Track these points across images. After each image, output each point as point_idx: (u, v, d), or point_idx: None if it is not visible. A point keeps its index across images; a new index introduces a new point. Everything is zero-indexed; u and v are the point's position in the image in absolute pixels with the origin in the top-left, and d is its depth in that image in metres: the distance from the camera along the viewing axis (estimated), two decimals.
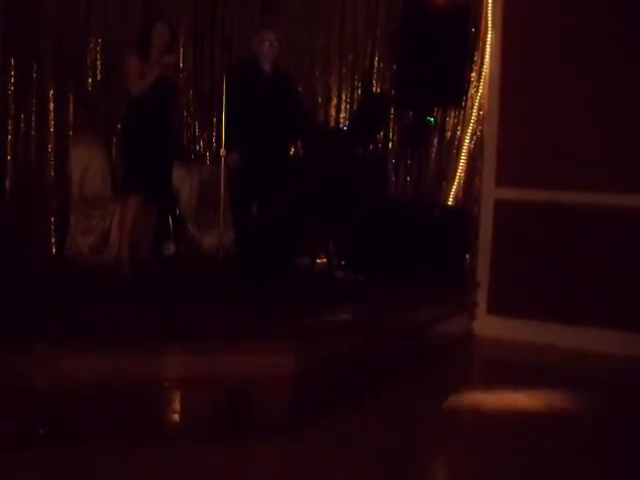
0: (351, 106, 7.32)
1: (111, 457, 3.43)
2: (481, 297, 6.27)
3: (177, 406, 3.80)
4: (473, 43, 6.49)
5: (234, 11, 7.61)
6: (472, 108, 6.55)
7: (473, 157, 6.56)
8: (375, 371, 4.58)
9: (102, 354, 3.72)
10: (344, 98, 7.35)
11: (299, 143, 6.99)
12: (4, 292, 4.82)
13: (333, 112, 7.39)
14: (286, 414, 3.85)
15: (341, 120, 7.35)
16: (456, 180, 6.64)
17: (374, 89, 7.18)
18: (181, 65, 7.20)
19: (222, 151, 5.28)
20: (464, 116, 6.62)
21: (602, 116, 5.75)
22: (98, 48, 6.83)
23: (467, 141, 6.60)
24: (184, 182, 6.97)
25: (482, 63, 6.46)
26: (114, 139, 6.87)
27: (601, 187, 5.70)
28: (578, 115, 5.84)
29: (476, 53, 6.48)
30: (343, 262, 6.55)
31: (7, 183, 6.41)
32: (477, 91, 6.52)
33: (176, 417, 3.78)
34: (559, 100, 5.90)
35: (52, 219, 6.57)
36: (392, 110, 7.04)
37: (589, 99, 5.79)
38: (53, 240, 6.56)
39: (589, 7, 5.77)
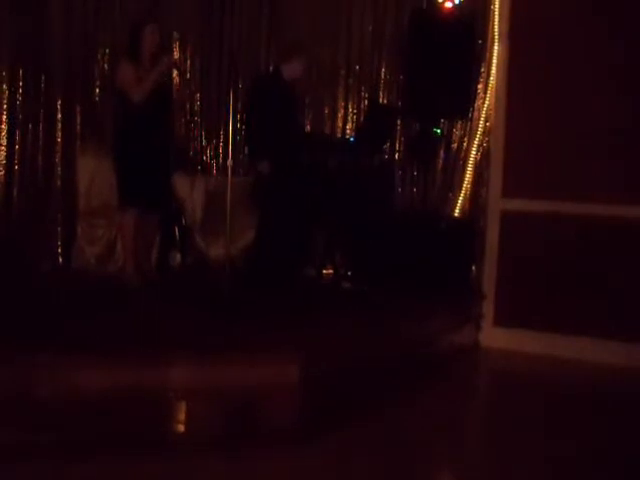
0: (358, 117, 7.32)
1: (113, 468, 3.42)
2: (487, 308, 6.25)
3: (181, 417, 3.80)
4: (480, 55, 6.50)
5: (241, 22, 7.63)
6: (479, 119, 6.55)
7: (479, 168, 6.56)
8: (379, 382, 4.56)
9: (106, 365, 3.72)
10: (351, 109, 7.35)
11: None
12: (10, 303, 4.83)
13: (340, 123, 7.39)
14: (289, 426, 3.84)
15: (348, 131, 7.36)
16: (462, 191, 6.64)
17: (381, 100, 7.19)
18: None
19: (229, 162, 5.31)
20: (471, 127, 6.62)
21: (609, 128, 5.74)
22: (106, 59, 6.85)
23: (474, 152, 6.60)
24: (190, 192, 6.97)
25: (489, 75, 6.46)
26: None
27: (607, 199, 5.68)
28: (585, 127, 5.82)
29: (483, 65, 6.49)
30: (349, 273, 6.55)
31: (14, 192, 6.42)
32: (484, 103, 6.52)
33: (180, 428, 3.78)
34: (565, 111, 5.89)
35: (59, 229, 6.58)
36: (399, 121, 7.05)
37: (595, 111, 5.78)
38: (60, 250, 6.57)
39: (597, 21, 5.77)
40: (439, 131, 6.76)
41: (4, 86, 6.34)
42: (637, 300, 5.60)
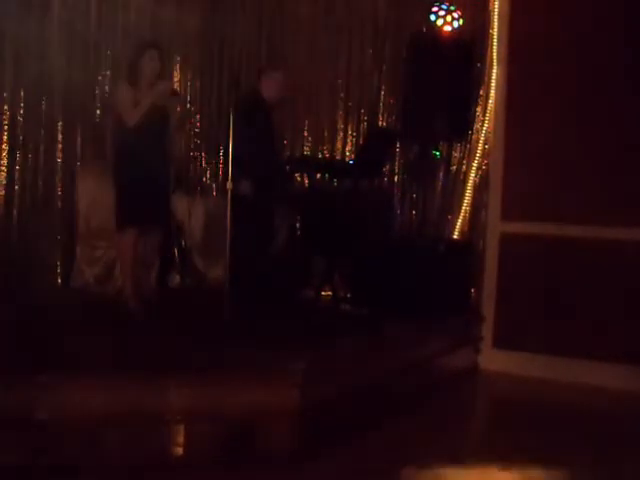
0: (357, 140, 7.35)
1: None
2: (486, 331, 6.25)
3: (180, 440, 3.78)
4: (478, 78, 6.54)
5: (242, 45, 7.67)
6: (478, 142, 6.58)
7: (479, 191, 6.58)
8: (378, 404, 4.55)
9: (104, 387, 3.71)
10: (350, 132, 7.39)
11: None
12: (8, 323, 4.82)
13: (339, 145, 7.43)
14: (289, 447, 3.82)
15: (347, 154, 7.38)
16: (462, 214, 6.65)
17: (380, 123, 7.22)
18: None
19: (229, 184, 5.30)
20: (470, 150, 6.65)
21: (608, 150, 5.76)
22: (107, 80, 6.89)
23: (473, 175, 6.62)
24: (190, 213, 6.99)
25: (487, 98, 6.51)
26: None
27: (606, 221, 5.70)
28: (584, 149, 5.85)
29: (482, 88, 6.53)
30: (348, 295, 6.54)
31: (14, 213, 6.43)
32: (483, 125, 6.56)
33: (178, 451, 3.75)
34: (564, 134, 5.92)
35: (58, 250, 6.58)
36: (398, 144, 7.08)
37: (595, 133, 5.81)
38: (59, 271, 6.57)
39: (594, 44, 5.81)
40: (438, 153, 6.79)
41: (5, 107, 6.36)
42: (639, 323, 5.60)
